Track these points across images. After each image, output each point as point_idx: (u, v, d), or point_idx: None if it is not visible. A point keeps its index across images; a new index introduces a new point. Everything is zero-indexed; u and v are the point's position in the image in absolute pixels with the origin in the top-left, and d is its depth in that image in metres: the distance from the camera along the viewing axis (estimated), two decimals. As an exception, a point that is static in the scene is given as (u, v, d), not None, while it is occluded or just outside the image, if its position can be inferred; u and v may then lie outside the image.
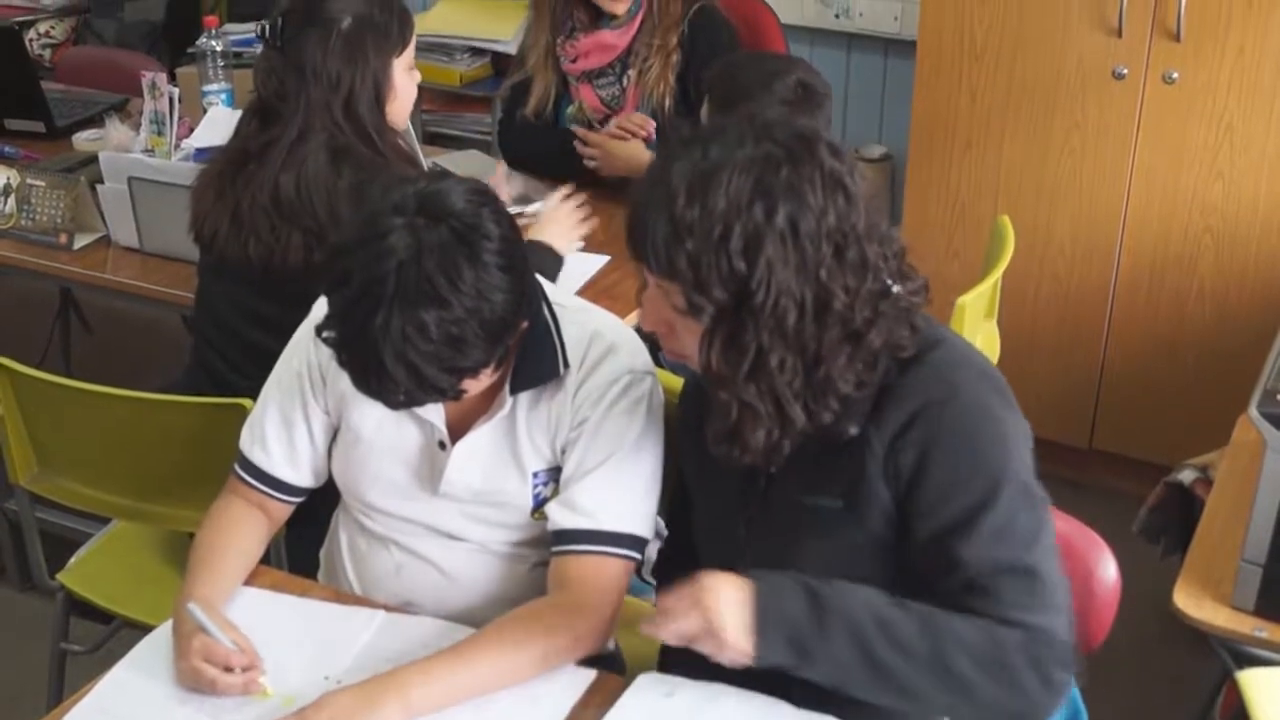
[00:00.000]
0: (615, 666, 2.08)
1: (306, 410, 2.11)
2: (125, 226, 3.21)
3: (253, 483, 2.14)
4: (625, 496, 1.99)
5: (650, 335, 1.87)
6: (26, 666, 3.09)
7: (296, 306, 2.19)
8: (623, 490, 1.99)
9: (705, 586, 1.72)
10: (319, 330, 1.86)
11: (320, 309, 1.93)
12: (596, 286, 2.94)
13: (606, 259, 3.05)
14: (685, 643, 1.73)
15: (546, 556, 2.03)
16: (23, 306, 4.52)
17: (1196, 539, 2.34)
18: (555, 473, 2.04)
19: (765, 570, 1.74)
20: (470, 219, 1.80)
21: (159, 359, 4.04)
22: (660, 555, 2.20)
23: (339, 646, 1.96)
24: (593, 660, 1.95)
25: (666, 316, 1.74)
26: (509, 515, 2.07)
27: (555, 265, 2.80)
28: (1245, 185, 3.49)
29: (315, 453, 2.14)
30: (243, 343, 2.67)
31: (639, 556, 2.00)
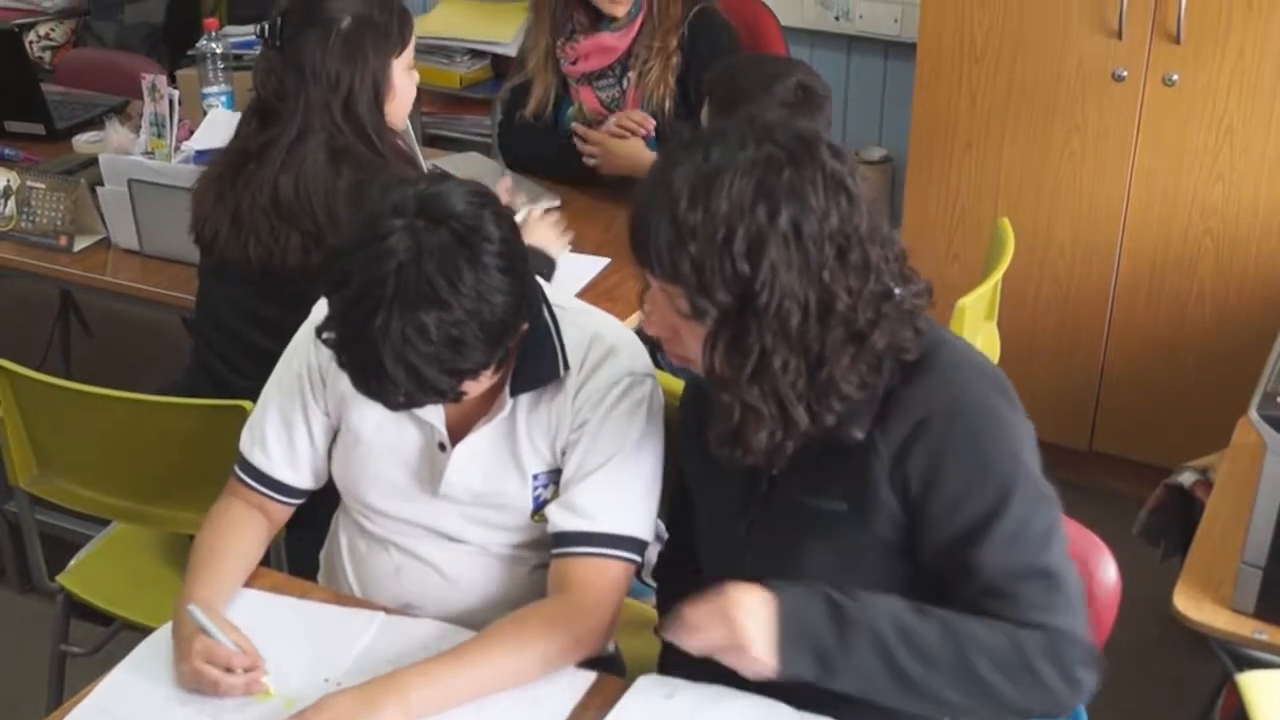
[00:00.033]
0: (615, 668, 2.08)
1: (306, 412, 2.11)
2: (125, 229, 3.21)
3: (253, 484, 2.14)
4: (625, 499, 1.99)
5: (650, 338, 1.87)
6: (26, 668, 3.09)
7: (296, 308, 2.19)
8: (623, 492, 1.99)
9: (730, 600, 1.72)
10: (319, 331, 1.86)
11: (320, 310, 1.93)
12: (597, 289, 2.94)
13: (607, 261, 3.05)
14: (709, 654, 1.74)
15: (546, 559, 2.03)
16: (23, 309, 4.52)
17: (1196, 541, 2.34)
18: (555, 475, 2.04)
19: (788, 582, 1.74)
20: (471, 221, 1.80)
21: (159, 361, 4.04)
22: (660, 557, 2.20)
23: (339, 648, 1.96)
24: (593, 662, 1.95)
25: (670, 320, 1.74)
26: (509, 517, 2.07)
27: (550, 267, 2.80)
28: (1245, 187, 3.49)
29: (315, 454, 2.14)
30: (242, 344, 2.67)
31: (639, 559, 2.00)
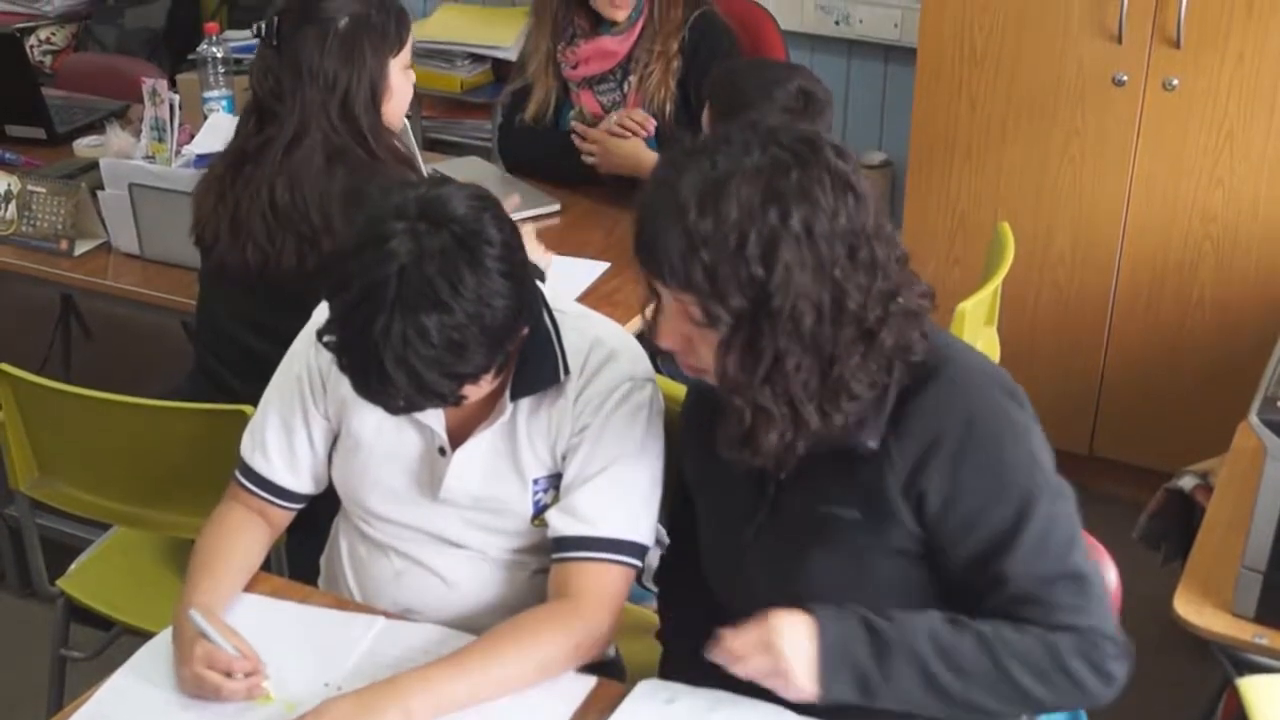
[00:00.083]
0: (615, 673, 2.09)
1: (307, 416, 2.11)
2: (126, 233, 3.21)
3: (253, 489, 2.14)
4: (626, 503, 1.99)
5: (650, 342, 1.87)
6: (26, 673, 3.08)
7: (293, 313, 2.19)
8: (623, 497, 1.99)
9: (774, 630, 1.73)
10: (320, 334, 1.86)
11: (321, 314, 1.93)
12: (597, 293, 2.94)
13: (607, 265, 3.05)
14: (751, 679, 1.76)
15: (547, 563, 2.03)
16: (23, 313, 4.52)
17: (1197, 546, 2.34)
18: (555, 479, 2.04)
19: (825, 606, 1.76)
20: (472, 224, 1.80)
21: (159, 365, 4.04)
22: (662, 562, 2.20)
23: (339, 653, 1.96)
24: (593, 667, 1.96)
25: (683, 331, 1.73)
26: (509, 522, 2.07)
27: (539, 277, 2.79)
28: (1245, 192, 3.49)
29: (315, 459, 2.14)
30: (241, 350, 2.67)
31: (639, 563, 2.00)
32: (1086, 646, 1.72)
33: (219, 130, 3.08)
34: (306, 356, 2.11)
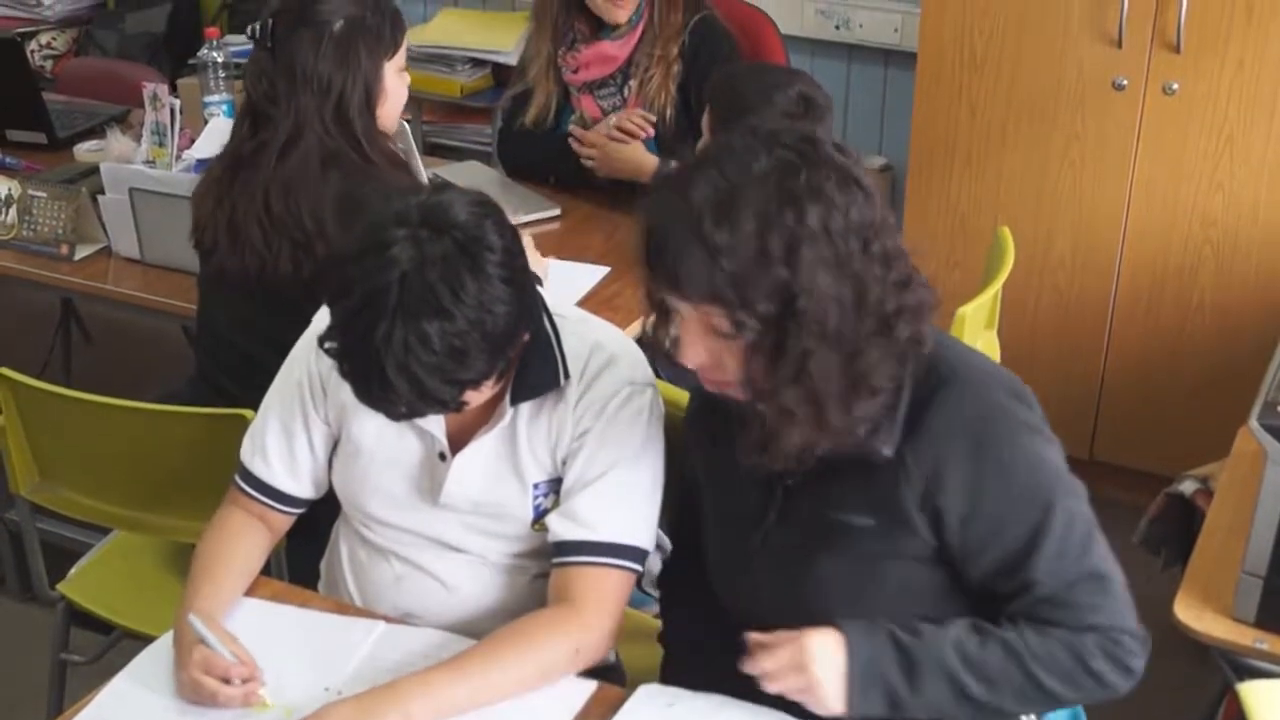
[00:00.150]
0: (616, 678, 2.08)
1: (307, 421, 2.11)
2: (126, 237, 3.21)
3: (253, 494, 2.14)
4: (626, 508, 1.99)
5: (650, 344, 1.87)
6: (26, 677, 3.08)
7: (291, 319, 2.19)
8: (624, 502, 1.99)
9: (806, 652, 1.75)
10: (321, 341, 1.86)
11: (321, 320, 1.93)
12: (597, 297, 2.94)
13: (607, 270, 3.05)
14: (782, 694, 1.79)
15: (547, 568, 2.03)
16: (24, 317, 4.52)
17: (1197, 550, 2.34)
18: (556, 484, 2.04)
19: (853, 622, 1.77)
20: (473, 231, 1.80)
21: (160, 369, 4.04)
22: (665, 565, 2.20)
23: (339, 657, 1.96)
24: (593, 672, 1.96)
25: (708, 346, 1.71)
26: (509, 526, 2.07)
27: (537, 282, 2.79)
28: (1245, 196, 3.49)
29: (316, 464, 2.14)
30: (241, 355, 2.67)
31: (640, 568, 2.00)
32: (1109, 645, 1.76)
33: (219, 135, 3.07)
34: (307, 361, 2.11)
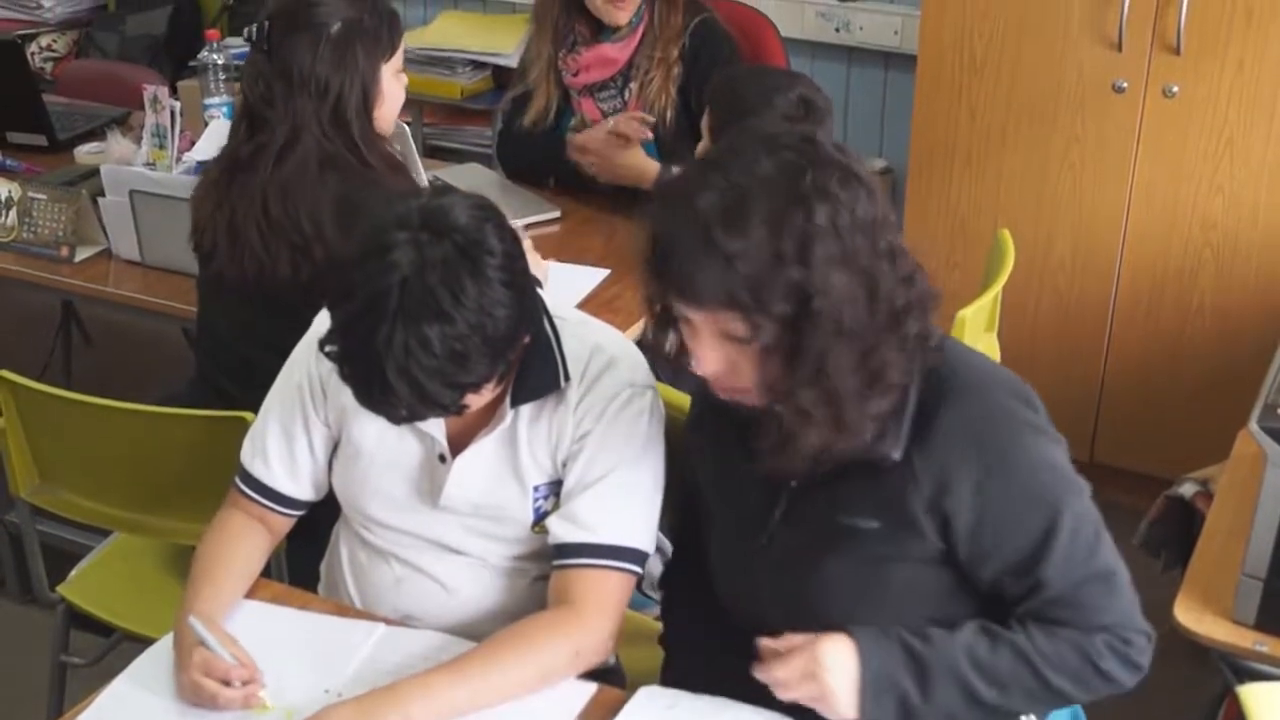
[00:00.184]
0: (616, 680, 2.08)
1: (307, 423, 2.11)
2: (126, 239, 3.21)
3: (253, 496, 2.14)
4: (626, 510, 1.99)
5: (650, 347, 1.87)
6: (27, 679, 3.08)
7: (289, 322, 2.19)
8: (624, 504, 1.99)
9: (818, 662, 1.76)
10: (322, 344, 1.86)
11: (322, 323, 1.93)
12: (597, 300, 2.94)
13: (607, 272, 3.05)
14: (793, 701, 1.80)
15: (547, 570, 2.03)
16: (24, 319, 4.52)
17: (1197, 553, 2.34)
18: (556, 486, 2.04)
19: (865, 629, 1.78)
20: (474, 234, 1.80)
21: (160, 371, 4.04)
22: (666, 567, 2.20)
23: (339, 659, 1.96)
24: (593, 674, 1.96)
25: (724, 353, 1.71)
26: (509, 529, 2.07)
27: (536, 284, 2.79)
28: (1245, 199, 3.49)
29: (316, 466, 2.14)
30: (240, 358, 2.66)
31: (640, 570, 2.00)
32: (1118, 644, 1.78)
33: (220, 137, 3.07)
34: (307, 364, 2.11)
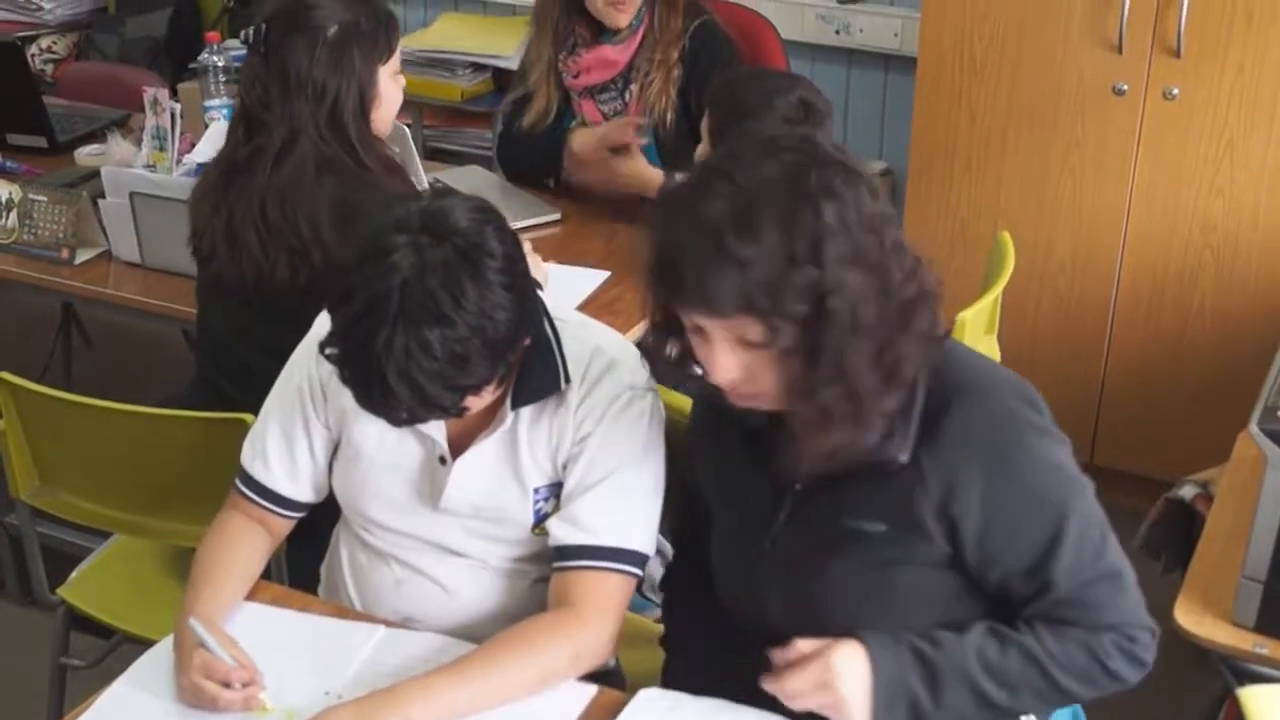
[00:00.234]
0: (616, 683, 2.08)
1: (307, 425, 2.11)
2: (127, 241, 3.21)
3: (254, 498, 2.14)
4: (627, 512, 1.99)
5: (650, 351, 1.87)
6: (27, 681, 3.08)
7: (288, 326, 2.19)
8: (624, 506, 1.99)
9: (832, 671, 1.76)
10: (322, 347, 1.86)
11: (322, 325, 1.93)
12: (597, 302, 2.94)
13: (607, 274, 3.05)
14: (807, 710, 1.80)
15: (547, 572, 2.03)
16: (24, 321, 4.52)
17: (1197, 555, 2.34)
18: (556, 488, 2.04)
19: (876, 635, 1.78)
20: (474, 237, 1.80)
21: (160, 373, 4.04)
22: (668, 570, 2.20)
23: (339, 661, 1.96)
24: (593, 676, 1.96)
25: (741, 360, 1.70)
26: (510, 531, 2.07)
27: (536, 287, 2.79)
28: (1245, 201, 3.49)
29: (316, 468, 2.14)
30: (240, 360, 2.66)
31: (640, 572, 2.00)
32: (1125, 642, 1.79)
33: (220, 139, 3.07)
34: (307, 366, 2.11)
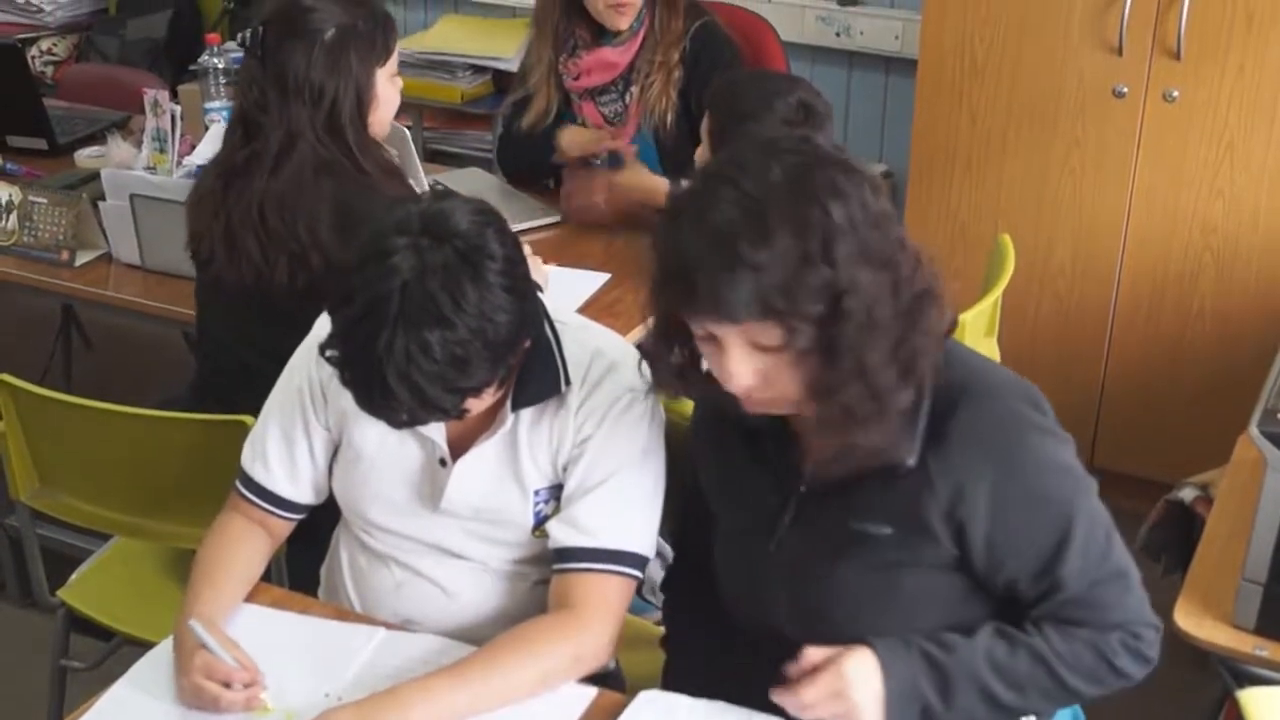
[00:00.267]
0: (616, 685, 2.08)
1: (307, 427, 2.11)
2: (127, 243, 3.21)
3: (254, 499, 2.14)
4: (627, 514, 1.99)
5: (650, 354, 1.86)
6: (27, 683, 3.08)
7: (288, 329, 2.19)
8: (625, 508, 1.99)
9: (844, 680, 1.76)
10: (323, 349, 1.86)
11: (322, 326, 1.93)
12: (597, 304, 2.94)
13: (607, 276, 3.05)
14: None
15: (547, 574, 2.03)
16: (24, 323, 4.52)
17: (1197, 558, 2.34)
18: (556, 490, 2.04)
19: (886, 641, 1.79)
20: (475, 239, 1.80)
21: (160, 375, 4.04)
22: (669, 571, 2.20)
23: (339, 663, 1.96)
24: (593, 678, 1.96)
25: (756, 366, 1.69)
26: (510, 533, 2.07)
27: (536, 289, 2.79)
28: (1246, 203, 3.50)
29: (316, 470, 2.14)
30: (239, 363, 2.66)
31: (640, 574, 2.00)
32: (1131, 640, 1.80)
33: (220, 141, 3.08)
34: (307, 368, 2.11)
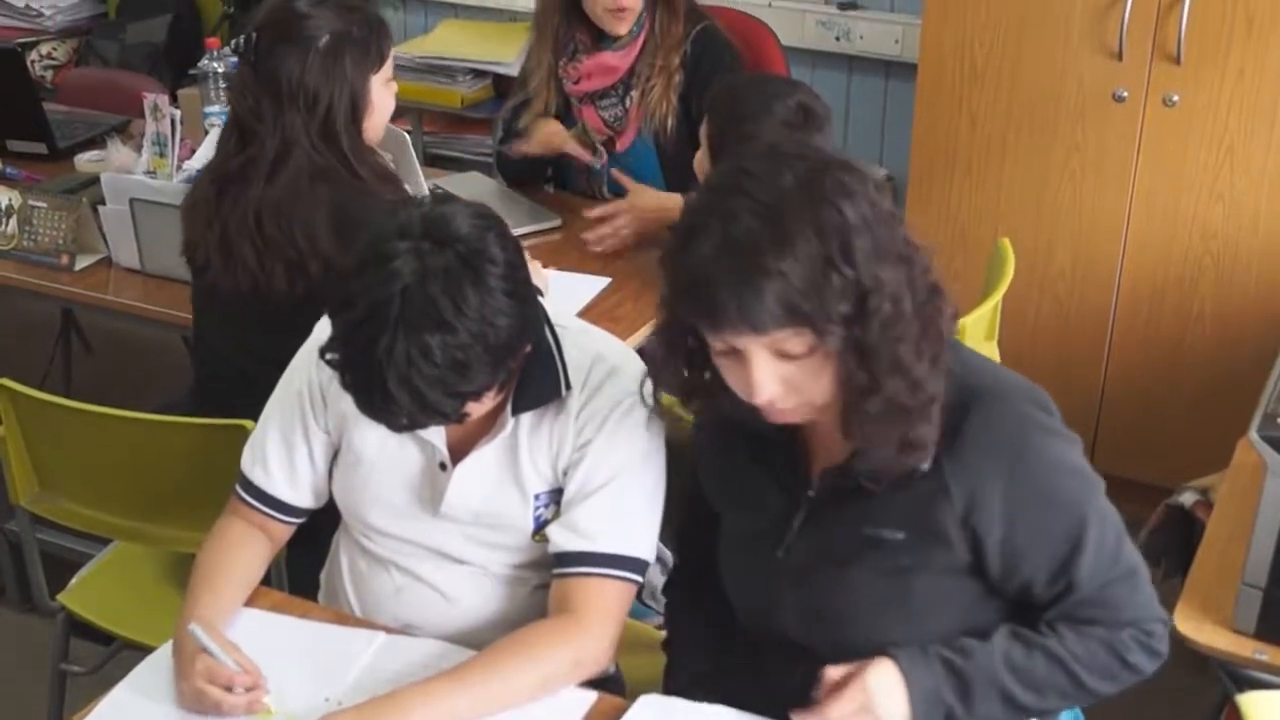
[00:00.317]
0: (616, 689, 2.08)
1: (307, 431, 2.11)
2: (127, 247, 3.21)
3: (254, 503, 2.14)
4: (627, 519, 1.99)
5: (651, 357, 1.86)
6: (26, 687, 3.08)
7: (285, 335, 2.18)
8: (625, 512, 1.99)
9: (869, 690, 1.77)
10: (323, 352, 1.86)
11: (322, 330, 1.93)
12: (598, 309, 2.94)
13: (607, 281, 3.05)
14: None
15: (547, 579, 2.03)
16: (24, 327, 4.52)
17: (1197, 562, 2.34)
18: (557, 494, 2.04)
19: (905, 651, 1.79)
20: (475, 243, 1.80)
21: (160, 380, 4.04)
22: (671, 575, 2.20)
23: (339, 668, 1.96)
24: (593, 683, 1.96)
25: (783, 374, 1.69)
26: (510, 537, 2.07)
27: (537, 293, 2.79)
28: (1246, 207, 3.50)
29: (316, 474, 2.14)
30: (237, 369, 2.66)
31: (640, 579, 2.00)
32: (1143, 636, 1.82)
33: (218, 146, 3.09)
34: (307, 372, 2.11)
